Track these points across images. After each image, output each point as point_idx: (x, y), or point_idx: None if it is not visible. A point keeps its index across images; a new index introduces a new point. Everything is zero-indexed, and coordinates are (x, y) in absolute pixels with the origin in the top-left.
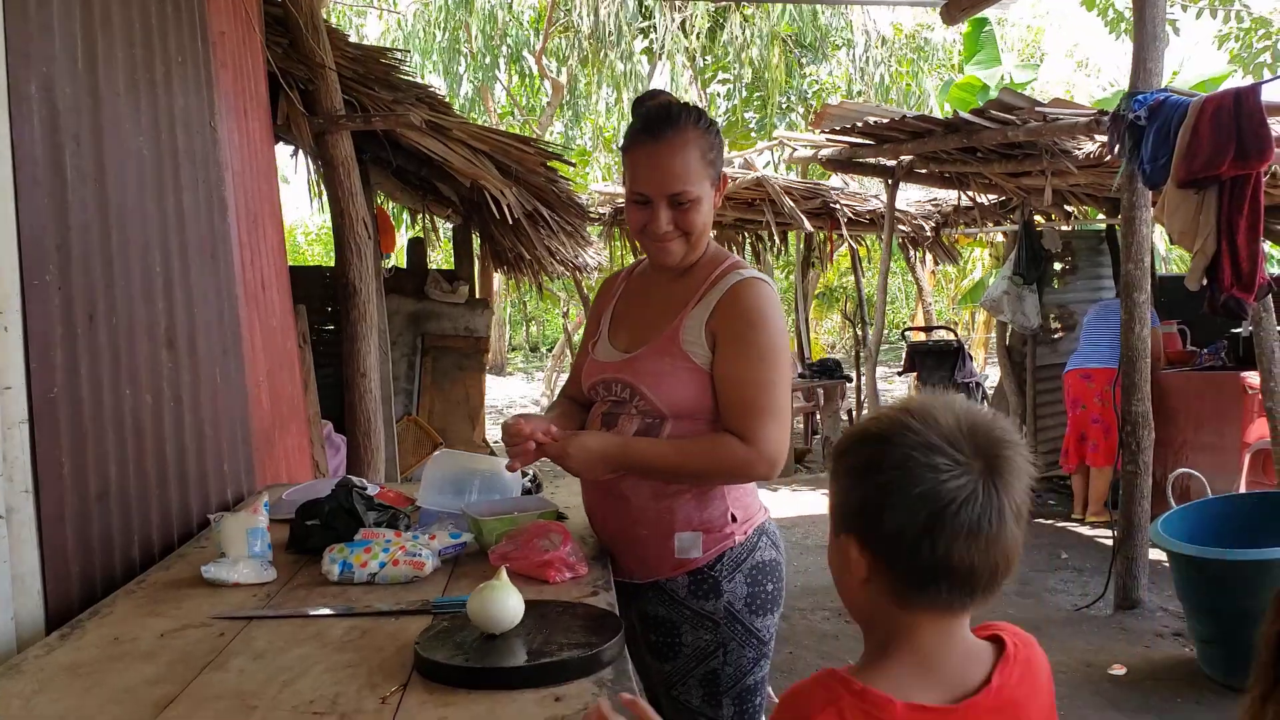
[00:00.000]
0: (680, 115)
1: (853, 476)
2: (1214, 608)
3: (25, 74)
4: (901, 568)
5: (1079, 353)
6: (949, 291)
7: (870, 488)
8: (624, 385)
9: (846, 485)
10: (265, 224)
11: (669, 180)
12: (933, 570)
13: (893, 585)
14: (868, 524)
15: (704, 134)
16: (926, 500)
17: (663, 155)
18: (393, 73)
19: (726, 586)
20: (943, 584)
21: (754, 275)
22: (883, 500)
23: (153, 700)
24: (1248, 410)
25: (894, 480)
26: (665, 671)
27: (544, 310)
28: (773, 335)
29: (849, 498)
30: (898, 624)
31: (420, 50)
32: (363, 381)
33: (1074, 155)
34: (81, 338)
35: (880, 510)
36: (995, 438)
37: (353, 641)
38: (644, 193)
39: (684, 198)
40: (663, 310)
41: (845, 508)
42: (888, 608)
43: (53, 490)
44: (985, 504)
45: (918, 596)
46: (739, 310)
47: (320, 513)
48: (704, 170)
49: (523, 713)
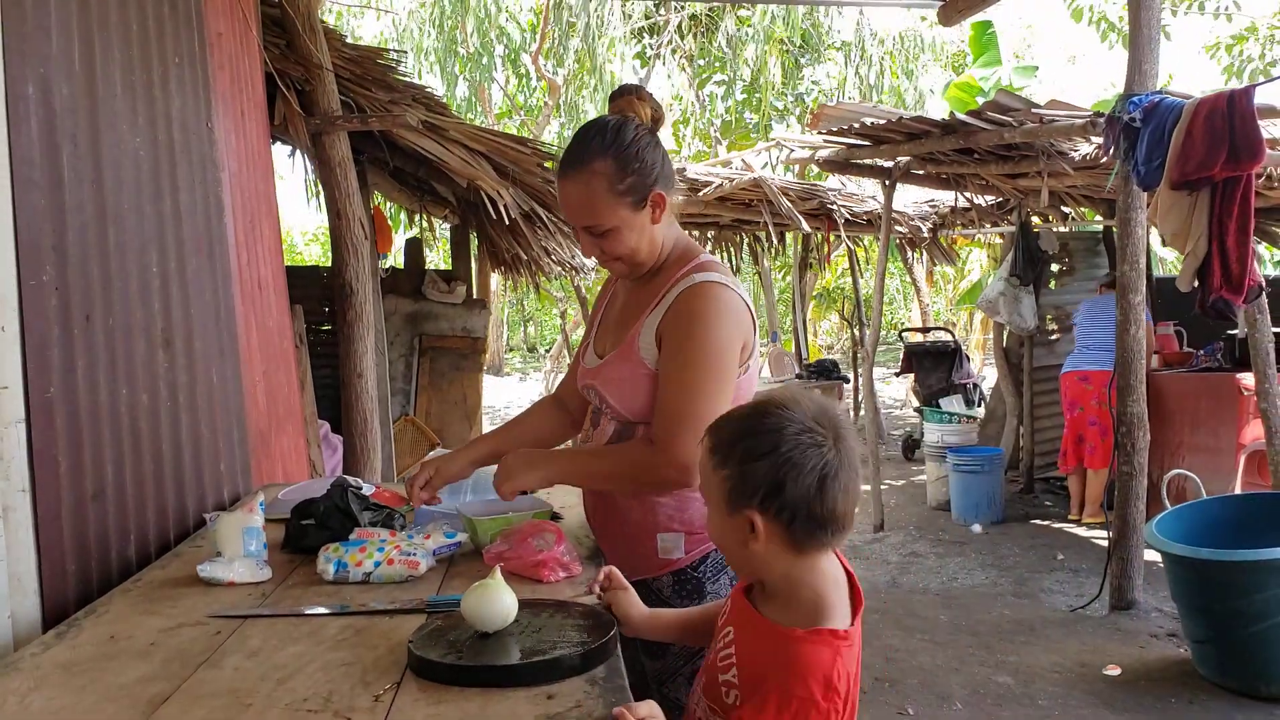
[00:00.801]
0: (589, 143)
1: (749, 462)
2: (1208, 608)
3: (22, 74)
4: (799, 524)
5: (1075, 353)
6: (947, 292)
7: (770, 468)
8: (595, 392)
9: (743, 470)
10: (262, 224)
11: (576, 214)
12: (822, 521)
13: (790, 540)
14: (770, 496)
15: (612, 163)
16: (815, 470)
17: (568, 192)
18: (389, 73)
19: (711, 588)
20: (829, 529)
21: (708, 278)
22: (784, 476)
23: (147, 698)
24: (1243, 412)
25: (790, 458)
26: (655, 669)
27: (541, 311)
28: (709, 340)
29: (747, 480)
30: (797, 569)
31: (415, 49)
32: (359, 382)
33: (1070, 157)
34: (78, 338)
35: (782, 484)
36: (837, 415)
37: (347, 640)
38: (569, 221)
39: (596, 230)
40: (629, 315)
41: (744, 488)
42: (785, 558)
43: (49, 489)
44: (848, 466)
45: (810, 543)
46: (683, 314)
47: (315, 512)
48: (613, 200)
49: (514, 710)
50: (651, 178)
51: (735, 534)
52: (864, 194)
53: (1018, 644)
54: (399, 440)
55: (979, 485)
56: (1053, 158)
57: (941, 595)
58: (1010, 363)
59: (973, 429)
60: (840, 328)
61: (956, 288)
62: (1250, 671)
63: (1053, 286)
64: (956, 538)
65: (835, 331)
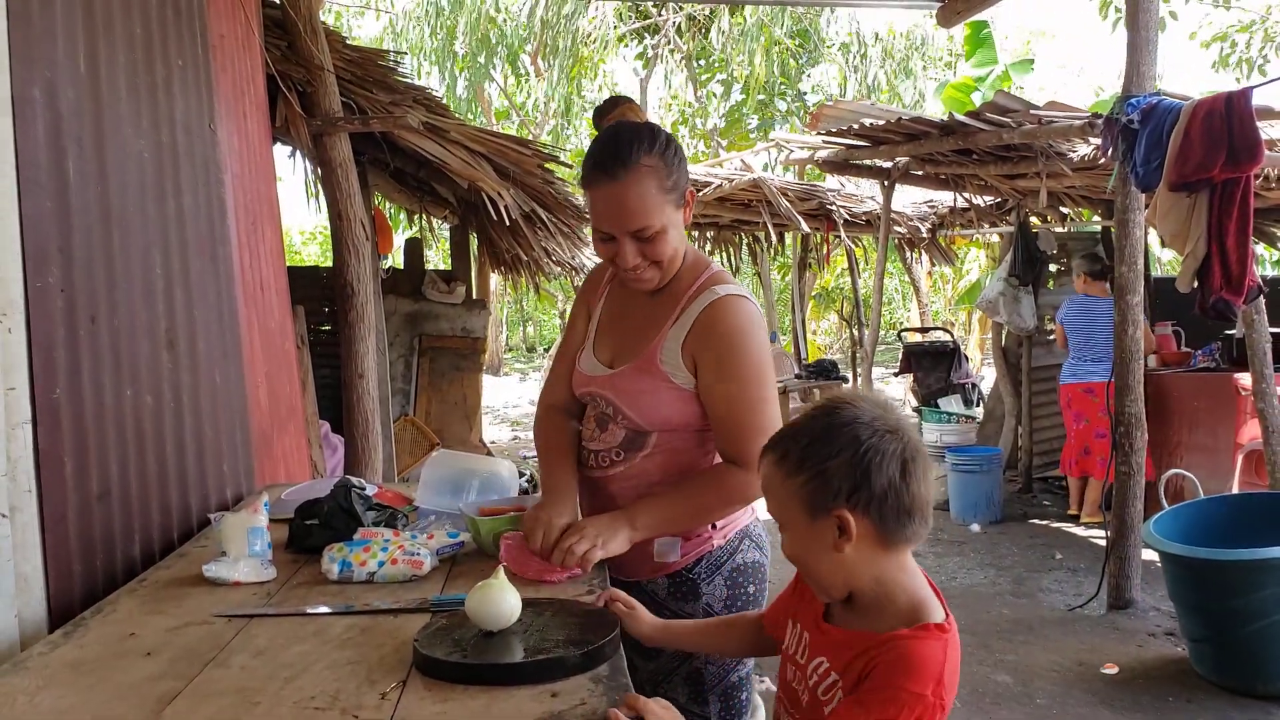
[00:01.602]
0: (631, 147)
1: (827, 461)
2: (1205, 607)
3: (29, 78)
4: (889, 515)
5: (1075, 362)
6: (945, 293)
7: (850, 461)
8: (607, 401)
9: (823, 471)
10: (264, 226)
11: (628, 219)
12: (909, 509)
13: (881, 535)
14: (857, 490)
15: (659, 160)
16: (896, 456)
17: (619, 195)
18: (390, 75)
19: (705, 589)
20: (916, 518)
21: (730, 292)
22: (868, 466)
23: (156, 696)
24: (1240, 411)
25: (870, 447)
26: (651, 669)
27: (541, 311)
28: (755, 353)
29: (829, 480)
30: (888, 570)
31: (411, 49)
32: (360, 382)
33: (1069, 157)
34: (84, 339)
35: (868, 474)
36: (896, 408)
37: (353, 639)
38: (606, 231)
39: (646, 233)
40: (643, 326)
41: (826, 489)
42: (877, 558)
43: (55, 490)
44: (922, 452)
45: (900, 536)
46: (718, 332)
47: (319, 512)
48: (663, 199)
49: (519, 708)
50: (686, 177)
51: (822, 540)
52: (863, 194)
53: (1016, 643)
54: (399, 440)
55: (977, 485)
56: (1051, 158)
57: None
58: (1009, 363)
59: (971, 429)
60: (839, 328)
61: (955, 288)
62: (1247, 670)
63: (1051, 287)
64: (955, 537)
65: (834, 331)
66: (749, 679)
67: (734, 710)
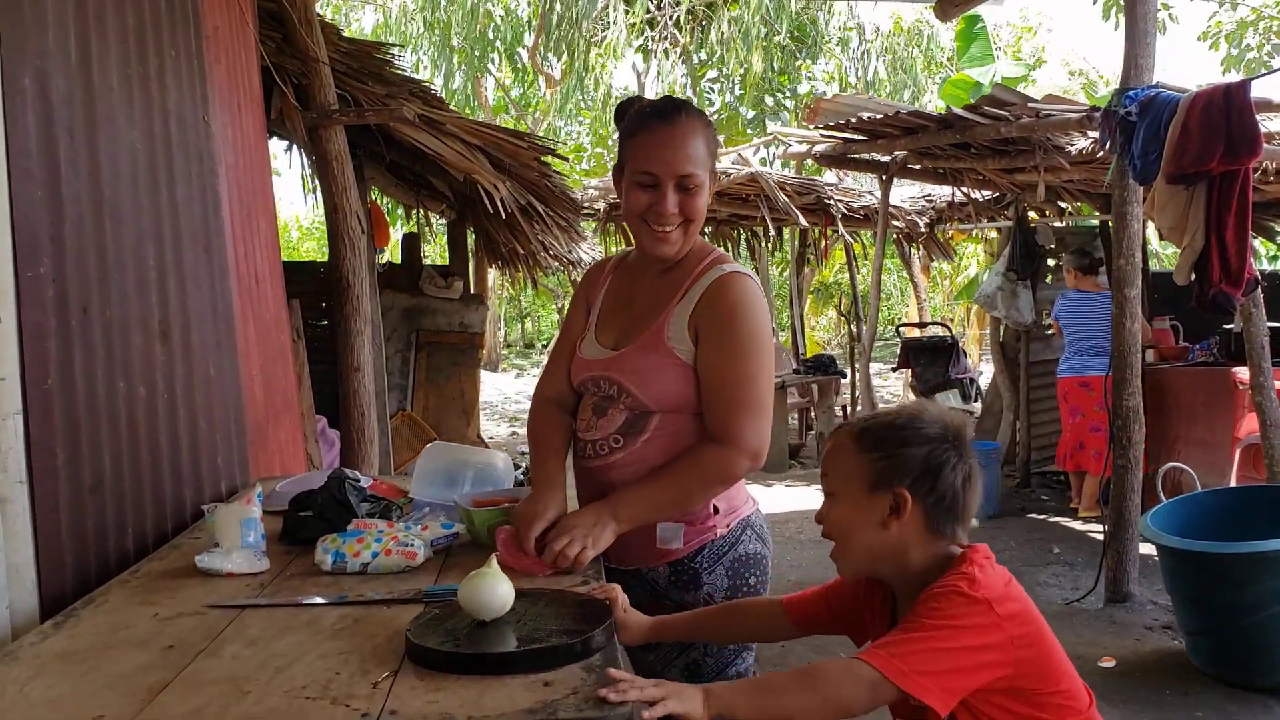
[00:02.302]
0: (686, 104)
1: (906, 447)
2: (1202, 600)
3: (20, 68)
4: (942, 511)
5: (1070, 356)
6: (944, 288)
7: (926, 455)
8: (611, 382)
9: (899, 453)
10: (259, 218)
11: (681, 161)
12: (958, 514)
13: (928, 524)
14: (923, 480)
15: (706, 125)
16: (962, 469)
17: (675, 137)
18: (386, 67)
19: (707, 578)
20: (959, 524)
21: (736, 270)
22: (940, 464)
23: (146, 686)
24: (1238, 405)
25: (945, 451)
26: (648, 660)
27: (539, 306)
28: (753, 329)
29: (903, 462)
30: (925, 554)
31: (405, 40)
32: (356, 376)
33: (1067, 151)
34: (75, 330)
35: (939, 471)
36: (966, 431)
37: (345, 629)
38: (653, 172)
39: (691, 182)
40: (648, 307)
41: (897, 469)
42: (920, 541)
43: (47, 481)
44: (978, 474)
45: (943, 531)
46: (721, 305)
47: (313, 504)
48: (707, 157)
49: (511, 697)
50: (718, 154)
51: (873, 515)
52: (861, 189)
53: None
54: (396, 436)
55: None
56: (1049, 152)
57: None
58: (1007, 358)
59: (969, 424)
60: (837, 323)
61: (953, 283)
62: (1244, 663)
63: (1049, 281)
64: None
65: (832, 327)
66: (750, 673)
67: None
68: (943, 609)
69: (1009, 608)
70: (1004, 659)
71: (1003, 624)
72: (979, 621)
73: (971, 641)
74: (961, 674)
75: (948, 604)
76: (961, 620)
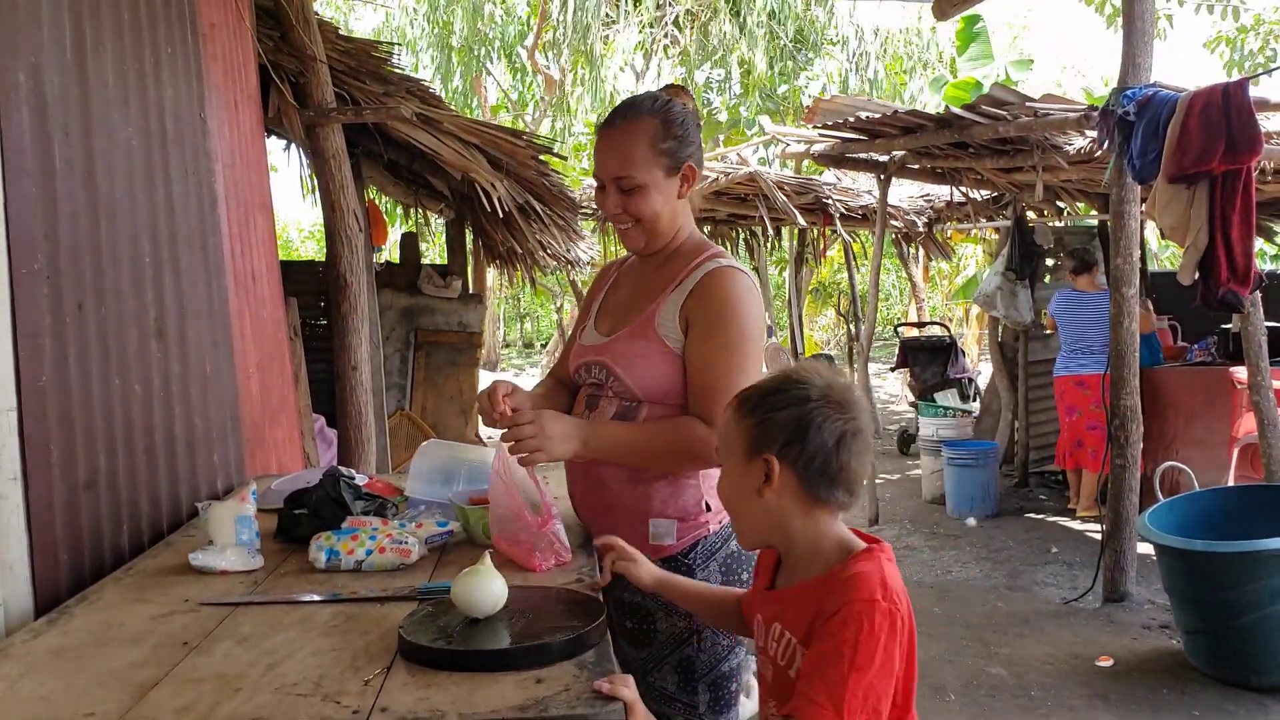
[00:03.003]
0: (641, 103)
1: (775, 410)
2: (1200, 599)
3: (14, 64)
4: (814, 475)
5: (1066, 355)
6: (942, 287)
7: (793, 417)
8: (601, 367)
9: (768, 418)
10: (256, 216)
11: (613, 164)
12: (835, 478)
13: (802, 492)
14: (791, 444)
15: (658, 122)
16: (835, 428)
17: (610, 141)
18: (384, 66)
19: (700, 575)
20: (840, 488)
21: (730, 264)
22: (806, 426)
23: (137, 682)
24: (1236, 405)
25: (813, 412)
26: (641, 658)
27: (537, 305)
28: (742, 322)
29: (771, 427)
30: (814, 523)
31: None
32: (354, 374)
33: (1065, 151)
34: (70, 327)
35: (805, 432)
36: (852, 390)
37: (338, 626)
38: (597, 175)
39: (627, 183)
40: (643, 295)
41: (766, 434)
42: (798, 512)
43: (41, 478)
44: (863, 434)
45: (820, 499)
46: (712, 297)
47: (308, 502)
48: (652, 158)
49: (503, 694)
50: (689, 150)
51: (749, 481)
52: (859, 188)
53: (1011, 636)
54: (395, 435)
55: (974, 479)
56: (1047, 152)
57: (936, 588)
58: (1005, 357)
59: (968, 423)
60: (836, 323)
61: (952, 282)
62: (1241, 662)
63: (1048, 281)
64: (951, 531)
65: (831, 327)
66: (740, 670)
67: (723, 700)
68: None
69: (910, 620)
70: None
71: (903, 633)
72: (894, 637)
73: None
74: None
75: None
76: (884, 640)
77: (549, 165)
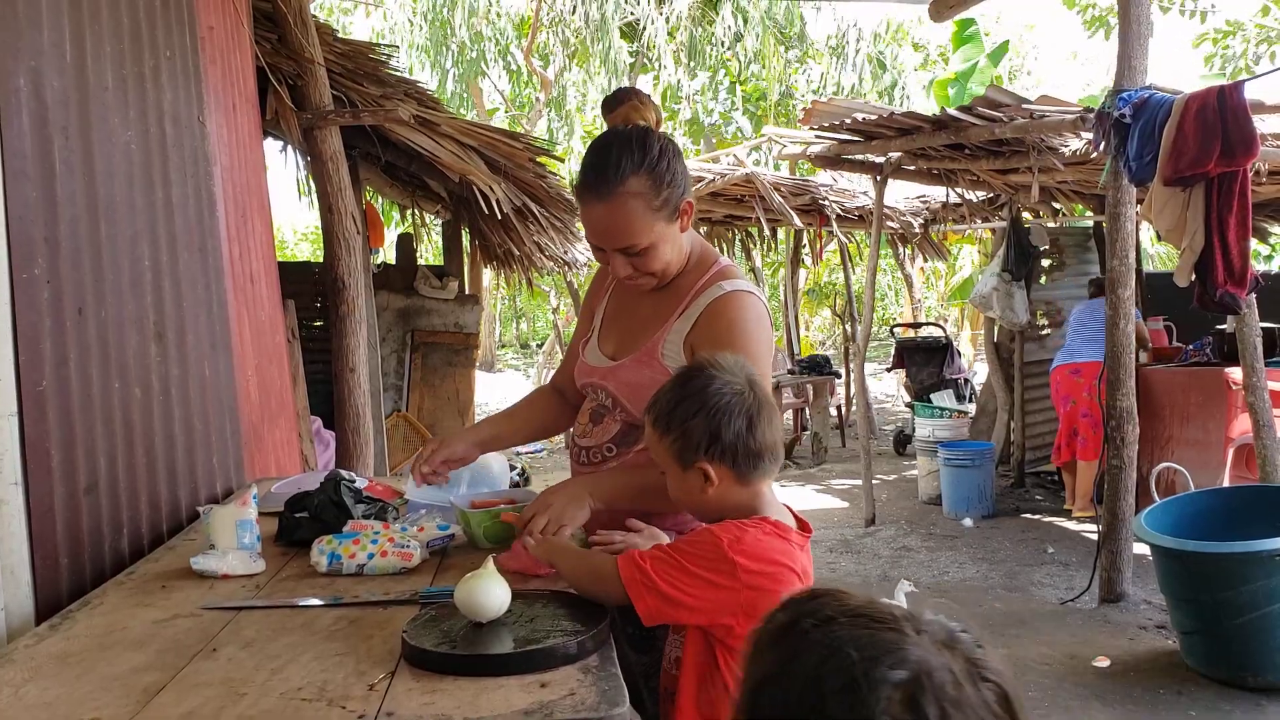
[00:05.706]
0: (620, 166)
1: (686, 421)
2: (1196, 600)
3: (14, 67)
4: (741, 460)
5: (1065, 349)
6: (938, 288)
7: (705, 421)
8: (607, 393)
9: (684, 430)
10: (254, 219)
11: (613, 238)
12: (758, 452)
13: (737, 475)
14: (712, 444)
15: (647, 179)
16: (742, 413)
17: (601, 216)
18: (381, 68)
19: None
20: (765, 458)
21: (737, 288)
22: (718, 424)
23: (141, 688)
24: (1231, 405)
25: (718, 408)
26: (643, 663)
27: (534, 306)
28: (753, 350)
29: (690, 438)
30: (746, 496)
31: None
32: (351, 376)
33: (1061, 152)
34: (70, 330)
35: (719, 431)
36: (746, 365)
37: (341, 631)
38: (597, 244)
39: (633, 249)
40: (648, 319)
41: (689, 445)
42: (736, 493)
43: (42, 482)
44: (766, 404)
45: (754, 474)
46: (719, 325)
47: (309, 505)
48: (651, 218)
49: (508, 699)
50: (681, 188)
51: (693, 485)
52: (855, 189)
53: (1008, 637)
54: (391, 436)
55: (970, 480)
56: (1043, 153)
57: (932, 589)
58: (1001, 358)
59: (964, 424)
60: (832, 323)
61: (948, 283)
62: (1237, 662)
63: (1043, 281)
64: (947, 532)
65: (827, 327)
66: None
67: None
68: (695, 552)
69: (756, 580)
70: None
71: (740, 590)
72: (718, 578)
73: (700, 591)
74: (676, 607)
75: (701, 549)
76: (700, 569)
77: (546, 167)
